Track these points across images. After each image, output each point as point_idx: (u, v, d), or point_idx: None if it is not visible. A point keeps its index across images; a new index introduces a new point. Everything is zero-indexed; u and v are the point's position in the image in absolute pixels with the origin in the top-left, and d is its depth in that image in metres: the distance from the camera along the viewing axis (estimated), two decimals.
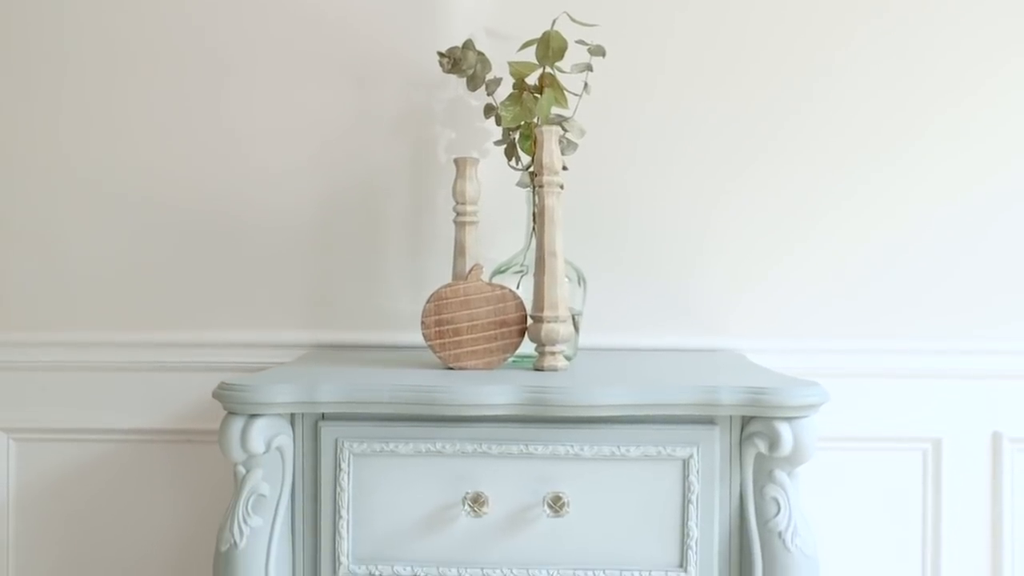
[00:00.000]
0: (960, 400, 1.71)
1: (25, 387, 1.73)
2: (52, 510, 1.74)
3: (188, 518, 1.74)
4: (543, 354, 1.40)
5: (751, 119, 1.72)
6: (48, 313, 1.74)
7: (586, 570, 1.27)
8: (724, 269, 1.72)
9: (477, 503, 1.26)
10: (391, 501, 1.29)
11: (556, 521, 1.27)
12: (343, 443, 1.28)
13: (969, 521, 1.71)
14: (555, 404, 1.25)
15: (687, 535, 1.28)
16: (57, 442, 1.74)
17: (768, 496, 1.27)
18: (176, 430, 1.73)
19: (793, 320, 1.72)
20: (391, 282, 1.72)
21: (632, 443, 1.27)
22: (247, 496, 1.27)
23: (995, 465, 1.71)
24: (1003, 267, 1.71)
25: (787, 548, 1.25)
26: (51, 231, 1.74)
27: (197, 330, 1.73)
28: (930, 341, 1.71)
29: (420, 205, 1.72)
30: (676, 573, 1.28)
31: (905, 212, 1.72)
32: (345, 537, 1.28)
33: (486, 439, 1.28)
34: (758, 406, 1.24)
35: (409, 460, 1.28)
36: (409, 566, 1.28)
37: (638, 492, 1.28)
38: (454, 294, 1.42)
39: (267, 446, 1.27)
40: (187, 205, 1.73)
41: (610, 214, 1.72)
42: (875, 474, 1.71)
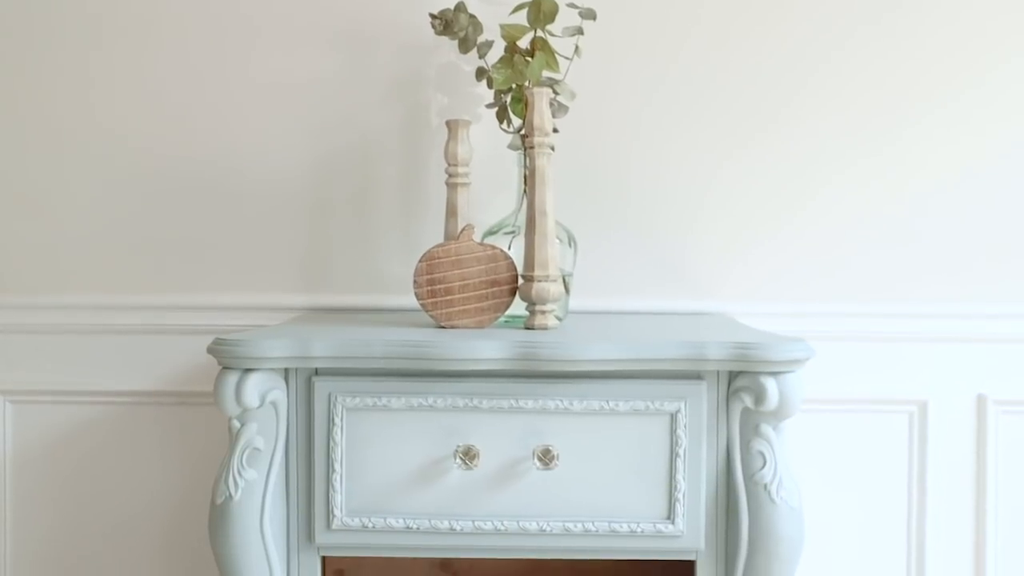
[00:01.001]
0: (946, 363, 1.73)
1: (20, 350, 1.75)
2: (48, 471, 1.76)
3: (181, 478, 1.76)
4: (534, 313, 1.42)
5: (751, 88, 1.73)
6: (42, 276, 1.75)
7: (575, 521, 1.30)
8: (714, 234, 1.74)
9: (468, 456, 1.28)
10: (384, 455, 1.31)
11: (546, 474, 1.29)
12: (336, 398, 1.30)
13: (954, 482, 1.74)
14: (545, 359, 1.26)
15: (675, 488, 1.30)
16: (53, 404, 1.75)
17: (754, 450, 1.29)
18: (170, 392, 1.74)
19: (782, 285, 1.74)
20: (384, 245, 1.74)
21: (621, 398, 1.29)
22: (242, 449, 1.29)
23: (980, 427, 1.74)
24: (988, 233, 1.73)
25: (772, 500, 1.28)
26: (45, 195, 1.75)
27: (190, 293, 1.75)
28: (917, 305, 1.73)
29: (412, 169, 1.74)
30: (664, 525, 1.30)
31: (894, 182, 1.73)
32: (338, 490, 1.30)
33: (477, 394, 1.30)
34: (744, 361, 1.26)
35: (401, 415, 1.30)
36: (402, 518, 1.30)
37: (627, 446, 1.30)
38: (446, 254, 1.43)
39: (261, 400, 1.28)
40: (180, 169, 1.74)
41: (602, 178, 1.73)
42: (862, 436, 1.74)
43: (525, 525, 1.30)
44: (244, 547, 1.29)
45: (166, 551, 1.76)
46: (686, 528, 1.30)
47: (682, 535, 1.30)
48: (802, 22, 1.73)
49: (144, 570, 1.76)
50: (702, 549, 1.31)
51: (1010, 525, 1.74)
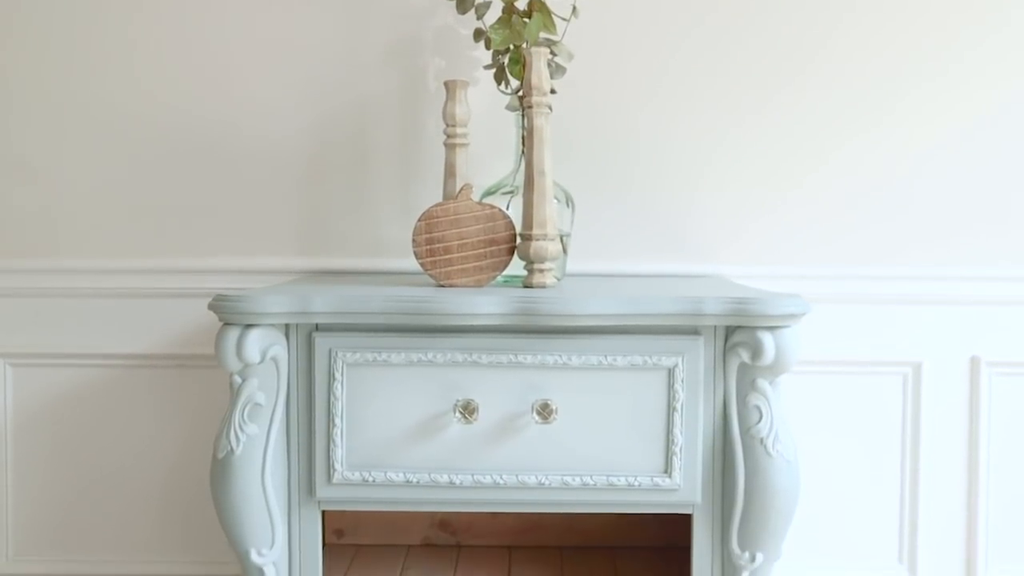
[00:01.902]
0: (940, 325, 1.75)
1: (20, 313, 1.76)
2: (48, 433, 1.77)
3: (179, 440, 1.77)
4: (532, 272, 1.43)
5: (755, 59, 1.73)
6: (42, 240, 1.76)
7: (574, 475, 1.31)
8: (716, 201, 1.75)
9: (468, 410, 1.30)
10: (384, 409, 1.32)
11: (545, 428, 1.31)
12: (336, 353, 1.31)
13: (947, 442, 1.75)
14: (543, 313, 1.28)
15: (672, 442, 1.31)
16: (53, 367, 1.76)
17: (751, 404, 1.30)
18: (168, 355, 1.75)
19: (781, 249, 1.75)
20: (382, 209, 1.75)
21: (619, 353, 1.31)
22: (243, 404, 1.30)
23: (973, 388, 1.75)
24: (983, 198, 1.74)
25: (768, 453, 1.29)
26: (43, 160, 1.75)
27: (190, 257, 1.75)
28: (912, 268, 1.75)
29: (410, 133, 1.74)
30: (661, 478, 1.31)
31: (890, 146, 1.74)
32: (339, 444, 1.32)
33: (476, 349, 1.31)
34: (741, 316, 1.28)
35: (401, 370, 1.32)
36: (402, 472, 1.32)
37: (625, 400, 1.31)
38: (444, 213, 1.44)
39: (262, 356, 1.29)
40: (180, 133, 1.75)
41: (601, 142, 1.74)
42: (857, 397, 1.75)
43: (524, 479, 1.31)
44: (245, 500, 1.30)
45: (165, 509, 1.77)
46: (683, 482, 1.32)
47: (679, 489, 1.32)
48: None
49: (144, 528, 1.78)
50: (699, 502, 1.33)
51: (1002, 484, 1.76)
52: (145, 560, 1.78)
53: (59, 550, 1.78)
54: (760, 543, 1.31)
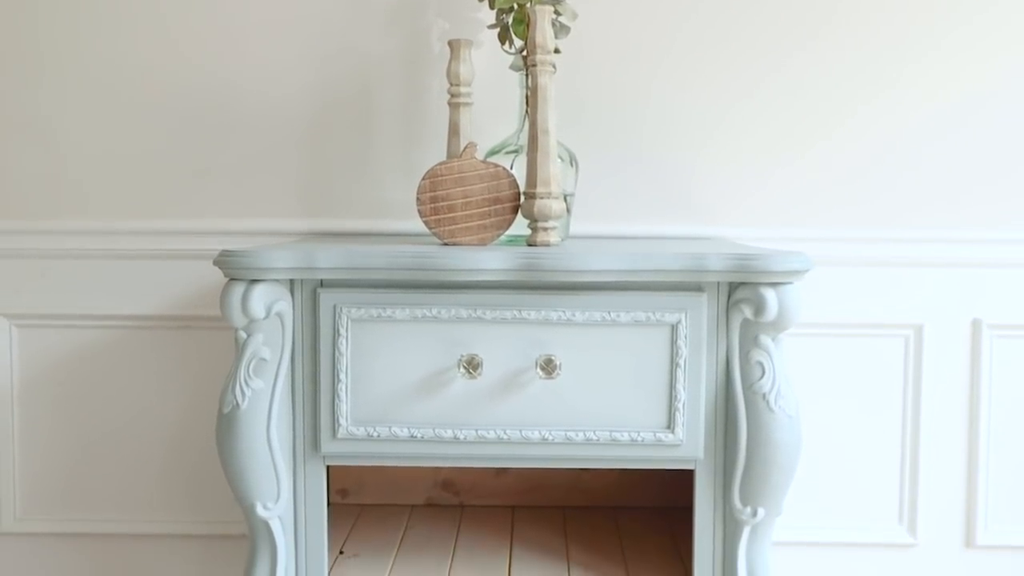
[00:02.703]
0: (942, 288, 1.75)
1: (25, 274, 1.76)
2: (54, 393, 1.78)
3: (184, 401, 1.78)
4: (536, 230, 1.43)
5: (765, 19, 1.73)
6: (47, 201, 1.76)
7: (577, 431, 1.32)
8: (721, 163, 1.75)
9: (472, 365, 1.30)
10: (388, 365, 1.32)
11: (548, 384, 1.32)
12: (341, 309, 1.32)
13: (948, 404, 1.76)
14: (547, 269, 1.28)
15: (675, 398, 1.32)
16: (58, 328, 1.77)
17: (753, 360, 1.31)
18: (174, 316, 1.76)
19: (783, 211, 1.75)
20: (385, 170, 1.75)
21: (622, 309, 1.31)
22: (248, 360, 1.31)
23: (974, 351, 1.76)
24: (985, 161, 1.75)
25: (771, 409, 1.30)
26: (48, 122, 1.76)
27: (193, 218, 1.76)
28: (914, 231, 1.75)
29: (414, 95, 1.74)
30: (664, 434, 1.32)
31: (895, 112, 1.74)
32: (344, 400, 1.33)
33: (480, 305, 1.31)
34: (744, 272, 1.28)
35: (405, 325, 1.32)
36: (406, 427, 1.33)
37: (628, 356, 1.32)
38: (449, 171, 1.44)
39: (267, 311, 1.30)
40: (183, 95, 1.75)
41: (607, 103, 1.74)
42: (858, 359, 1.76)
43: (528, 434, 1.32)
44: (251, 455, 1.31)
45: (170, 469, 1.79)
46: (686, 437, 1.32)
47: (682, 444, 1.33)
48: None
49: (149, 488, 1.79)
50: (701, 458, 1.34)
51: (1002, 447, 1.77)
52: (150, 519, 1.79)
53: (65, 510, 1.79)
54: (762, 498, 1.32)
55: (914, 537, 1.77)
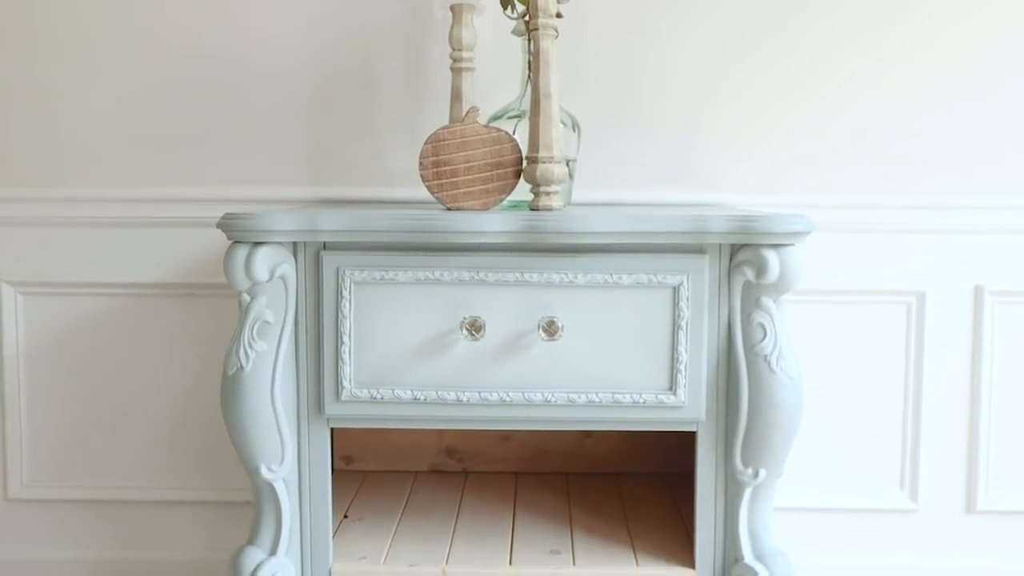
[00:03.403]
0: (944, 254, 1.75)
1: (30, 241, 1.77)
2: (60, 361, 1.79)
3: (190, 368, 1.79)
4: (538, 194, 1.43)
5: None
6: (51, 168, 1.76)
7: (579, 392, 1.33)
8: (722, 129, 1.75)
9: (474, 327, 1.31)
10: (391, 328, 1.33)
11: (551, 346, 1.32)
12: (344, 271, 1.32)
13: (949, 371, 1.77)
14: (549, 231, 1.29)
15: (677, 359, 1.33)
16: (63, 296, 1.78)
17: (755, 322, 1.32)
18: (178, 284, 1.77)
19: (785, 179, 1.75)
20: (388, 138, 1.75)
21: (624, 271, 1.31)
22: (252, 322, 1.31)
23: (976, 317, 1.76)
24: (988, 126, 1.74)
25: (772, 370, 1.31)
26: (52, 89, 1.76)
27: (197, 186, 1.76)
28: (916, 197, 1.75)
29: (416, 62, 1.74)
30: (666, 395, 1.33)
31: (895, 77, 1.74)
32: (347, 362, 1.33)
33: (483, 267, 1.32)
34: (746, 233, 1.28)
35: (408, 288, 1.33)
36: (409, 390, 1.33)
37: (630, 318, 1.32)
38: (451, 136, 1.44)
39: (270, 274, 1.31)
40: (187, 62, 1.75)
41: (608, 69, 1.74)
42: (860, 326, 1.76)
43: (530, 396, 1.33)
44: (255, 417, 1.32)
45: (176, 437, 1.80)
46: (687, 399, 1.33)
47: (684, 406, 1.33)
48: None
49: (155, 455, 1.80)
50: (703, 420, 1.34)
51: (1003, 413, 1.77)
52: (156, 486, 1.80)
53: (71, 477, 1.81)
54: (763, 459, 1.32)
55: (915, 503, 1.78)
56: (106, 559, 1.81)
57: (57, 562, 1.81)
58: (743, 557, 1.34)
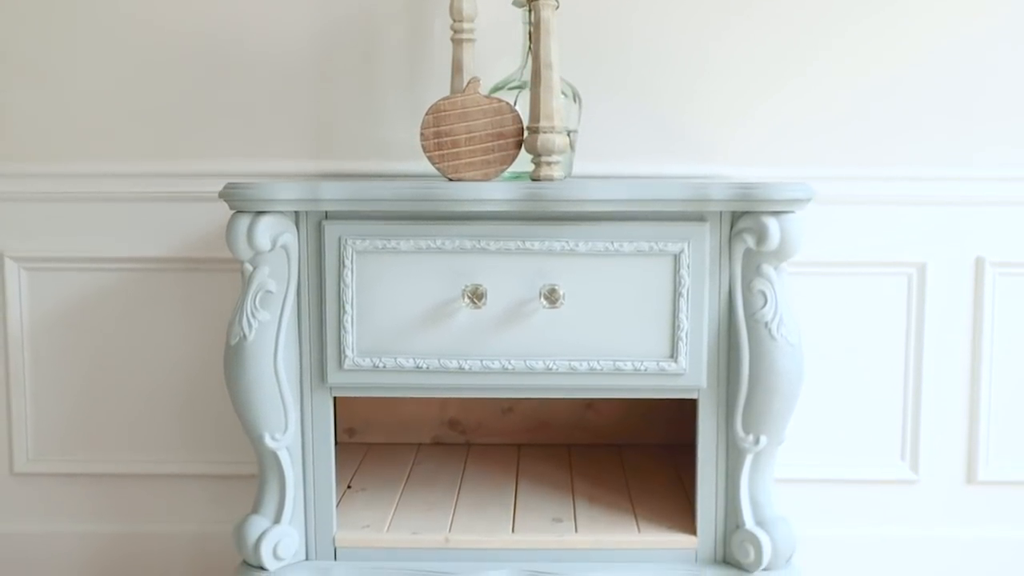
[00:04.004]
0: (945, 225, 1.75)
1: (34, 217, 1.77)
2: (64, 336, 1.79)
3: (194, 343, 1.79)
4: (539, 165, 1.43)
5: None
6: (55, 144, 1.77)
7: (581, 360, 1.33)
8: (716, 99, 1.75)
9: (476, 295, 1.32)
10: (393, 297, 1.34)
11: (552, 314, 1.33)
12: (346, 240, 1.33)
13: (950, 342, 1.77)
14: (551, 199, 1.29)
15: (678, 327, 1.33)
16: (67, 271, 1.78)
17: (756, 289, 1.32)
18: (183, 258, 1.77)
19: (783, 149, 1.75)
20: (390, 111, 1.75)
21: (625, 239, 1.32)
22: (255, 292, 1.32)
23: (977, 288, 1.76)
24: (988, 96, 1.74)
25: (773, 337, 1.31)
26: (56, 64, 1.76)
27: (200, 160, 1.76)
28: (917, 168, 1.75)
29: (417, 34, 1.74)
30: (667, 363, 1.34)
31: (895, 46, 1.73)
32: (349, 331, 1.34)
33: (484, 236, 1.32)
34: (747, 201, 1.29)
35: (410, 257, 1.33)
36: (411, 358, 1.34)
37: (631, 286, 1.33)
38: (452, 107, 1.44)
39: (273, 244, 1.31)
40: (190, 35, 1.75)
41: (601, 40, 1.73)
42: (861, 298, 1.76)
43: (532, 364, 1.33)
44: (258, 386, 1.33)
45: (180, 411, 1.80)
46: (688, 366, 1.34)
47: (684, 373, 1.34)
48: None
49: (159, 429, 1.81)
50: (704, 387, 1.35)
51: (1003, 384, 1.77)
52: (161, 460, 1.81)
53: (77, 451, 1.81)
54: (764, 426, 1.33)
55: (916, 473, 1.79)
56: (111, 532, 1.82)
57: (63, 535, 1.82)
58: (744, 523, 1.35)
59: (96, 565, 1.82)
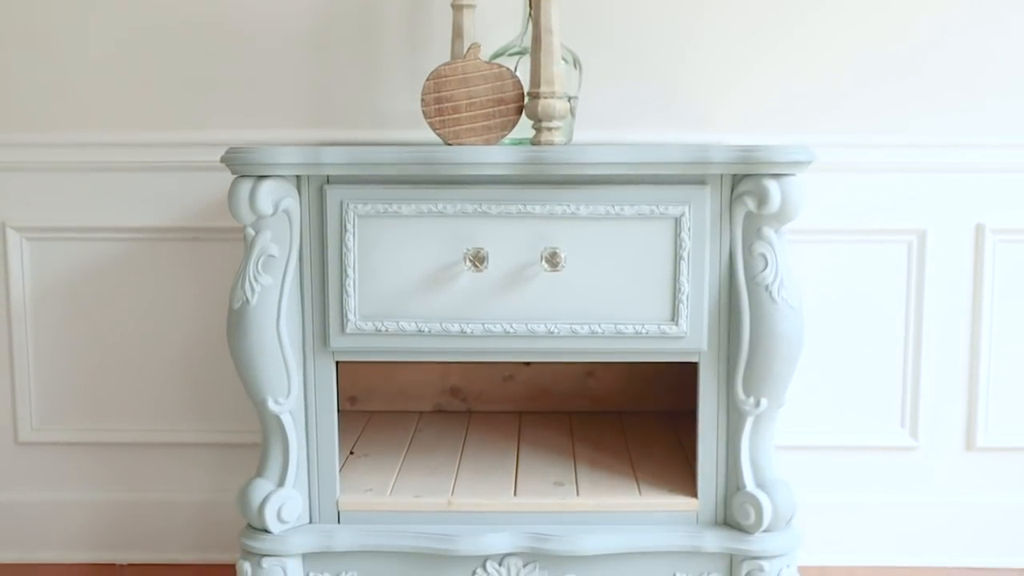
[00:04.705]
0: (945, 193, 1.75)
1: (35, 187, 1.77)
2: (66, 305, 1.80)
3: (196, 312, 1.80)
4: (540, 130, 1.43)
5: None
6: (55, 114, 1.77)
7: (582, 324, 1.34)
8: (709, 66, 1.75)
9: (477, 259, 1.32)
10: (395, 261, 1.34)
11: (554, 277, 1.33)
12: (348, 205, 1.33)
13: (950, 309, 1.78)
14: (552, 162, 1.29)
15: (678, 290, 1.34)
16: (68, 240, 1.79)
17: (756, 252, 1.32)
18: (184, 228, 1.78)
19: (783, 116, 1.75)
20: (391, 79, 1.75)
21: (626, 202, 1.32)
22: (257, 256, 1.33)
23: (977, 255, 1.77)
24: (991, 63, 1.74)
25: (773, 300, 1.32)
26: (57, 33, 1.75)
27: (200, 130, 1.76)
28: (917, 136, 1.75)
29: (417, 3, 1.74)
30: (668, 326, 1.34)
31: (895, 10, 1.73)
32: (352, 295, 1.34)
33: (485, 200, 1.33)
34: (747, 163, 1.29)
35: (412, 221, 1.34)
36: (413, 322, 1.35)
37: (632, 250, 1.33)
38: (453, 72, 1.44)
39: (275, 208, 1.32)
40: (190, 4, 1.74)
41: (601, 7, 1.73)
42: (861, 265, 1.77)
43: (533, 327, 1.34)
44: (261, 350, 1.33)
45: (182, 379, 1.81)
46: (689, 329, 1.34)
47: (685, 336, 1.34)
48: None
49: (162, 398, 1.82)
50: (704, 350, 1.36)
51: (1003, 351, 1.78)
52: (164, 429, 1.82)
53: (80, 420, 1.82)
54: (764, 388, 1.34)
55: (915, 440, 1.80)
56: (115, 501, 1.83)
57: (67, 504, 1.83)
58: (745, 485, 1.36)
59: (100, 533, 1.83)
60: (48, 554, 1.83)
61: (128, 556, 1.83)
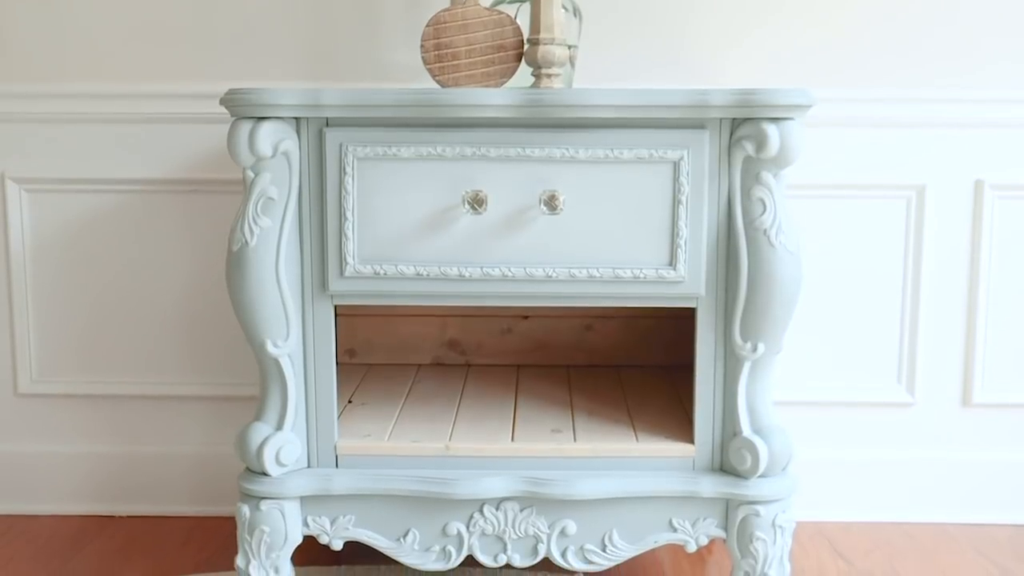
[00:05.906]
0: (944, 148, 1.75)
1: (34, 138, 1.77)
2: (65, 257, 1.80)
3: (196, 264, 1.80)
4: (539, 76, 1.43)
5: None
6: (54, 65, 1.76)
7: (580, 268, 1.34)
8: (716, 20, 1.74)
9: (476, 201, 1.32)
10: (394, 204, 1.34)
11: (552, 221, 1.33)
12: (347, 147, 1.33)
13: (948, 265, 1.78)
14: (551, 104, 1.29)
15: (677, 235, 1.34)
16: (67, 192, 1.79)
17: (755, 197, 1.32)
18: (183, 179, 1.78)
19: (783, 70, 1.75)
20: (389, 33, 1.75)
21: (625, 146, 1.32)
22: (256, 198, 1.33)
23: (976, 211, 1.77)
24: (992, 17, 1.74)
25: (771, 244, 1.32)
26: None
27: (200, 81, 1.76)
28: (916, 91, 1.75)
29: None
30: (666, 270, 1.34)
31: None
32: (351, 238, 1.34)
33: (484, 143, 1.32)
34: (746, 107, 1.29)
35: (411, 164, 1.34)
36: (412, 265, 1.35)
37: (630, 194, 1.33)
38: (453, 18, 1.44)
39: (274, 150, 1.32)
40: None
41: None
42: (860, 221, 1.77)
43: (532, 271, 1.34)
44: (260, 292, 1.33)
45: (182, 331, 1.82)
46: (687, 274, 1.34)
47: (683, 281, 1.34)
48: None
49: (161, 350, 1.82)
50: (702, 295, 1.36)
51: (1001, 308, 1.79)
52: (162, 381, 1.83)
53: (79, 371, 1.83)
54: (762, 333, 1.34)
55: (912, 396, 1.80)
56: (113, 453, 1.84)
57: (66, 456, 1.83)
58: (741, 431, 1.37)
59: (98, 485, 1.84)
60: (46, 506, 1.84)
61: (125, 508, 1.84)
